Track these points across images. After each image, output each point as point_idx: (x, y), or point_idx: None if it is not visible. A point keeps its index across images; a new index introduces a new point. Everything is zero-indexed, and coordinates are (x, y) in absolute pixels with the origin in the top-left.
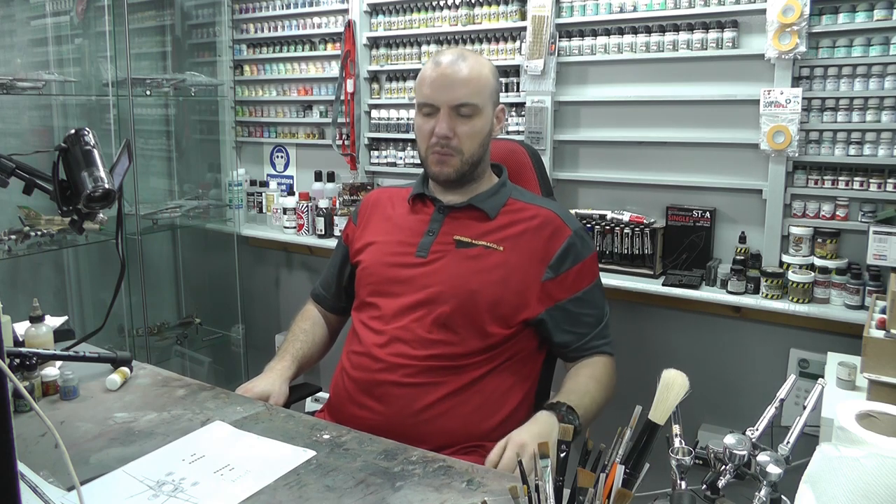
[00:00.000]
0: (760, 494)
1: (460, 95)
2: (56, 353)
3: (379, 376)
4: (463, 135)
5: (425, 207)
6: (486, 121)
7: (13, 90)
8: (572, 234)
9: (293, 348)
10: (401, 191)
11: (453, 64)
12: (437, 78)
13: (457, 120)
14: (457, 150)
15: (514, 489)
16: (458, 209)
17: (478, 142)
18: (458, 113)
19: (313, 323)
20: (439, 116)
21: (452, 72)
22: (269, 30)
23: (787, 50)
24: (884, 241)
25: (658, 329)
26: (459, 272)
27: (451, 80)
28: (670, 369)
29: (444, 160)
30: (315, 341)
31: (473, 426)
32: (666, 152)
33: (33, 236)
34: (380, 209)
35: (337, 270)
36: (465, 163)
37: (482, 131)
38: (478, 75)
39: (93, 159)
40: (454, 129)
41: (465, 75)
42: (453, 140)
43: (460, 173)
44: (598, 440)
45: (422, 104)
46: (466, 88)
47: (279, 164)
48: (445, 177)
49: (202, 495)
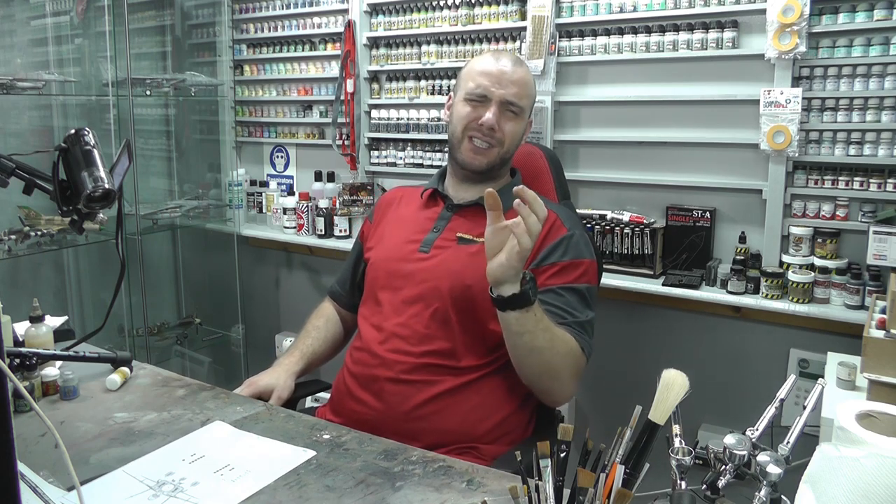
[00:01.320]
0: (760, 494)
1: (513, 94)
2: (56, 353)
3: (375, 372)
4: (507, 130)
5: (436, 205)
6: (523, 125)
7: (13, 90)
8: (565, 235)
9: (303, 345)
10: (416, 189)
11: (513, 64)
12: (496, 73)
13: (504, 116)
14: (499, 141)
15: (514, 489)
16: (466, 207)
17: (516, 142)
18: (507, 110)
19: (326, 320)
20: (489, 107)
21: (511, 71)
22: (269, 30)
23: (787, 50)
24: (884, 241)
25: (658, 329)
26: (456, 267)
27: (510, 78)
28: (670, 369)
29: (484, 150)
30: (327, 338)
31: (469, 426)
32: (666, 152)
33: (33, 236)
34: (393, 207)
35: (352, 267)
36: (499, 156)
37: (520, 133)
38: (529, 82)
39: (93, 159)
40: (500, 123)
41: (521, 77)
42: (497, 133)
43: (492, 165)
44: (598, 440)
45: (473, 94)
46: (519, 89)
47: (279, 164)
48: (477, 165)
49: (202, 495)
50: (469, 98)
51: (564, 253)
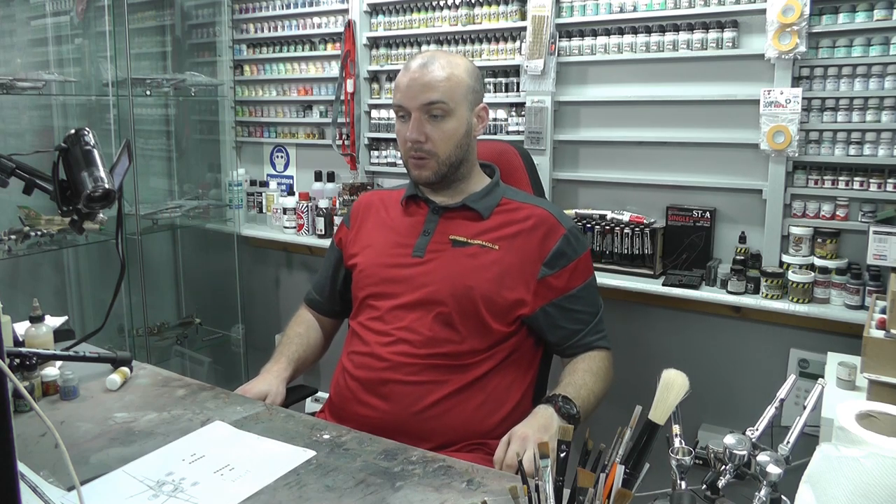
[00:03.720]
0: (760, 494)
1: (428, 98)
2: (56, 353)
3: (384, 374)
4: (435, 137)
5: (419, 209)
6: (460, 121)
7: (13, 90)
8: (566, 233)
9: (288, 351)
10: (392, 193)
11: (422, 67)
12: (407, 82)
13: (428, 123)
14: (430, 153)
15: (514, 489)
16: (451, 210)
17: (453, 143)
18: (430, 115)
19: (308, 327)
20: (411, 121)
21: (420, 75)
22: (269, 30)
23: (787, 50)
24: (884, 241)
25: (658, 329)
26: (456, 270)
27: (420, 83)
28: (670, 369)
29: (421, 164)
30: (310, 344)
31: (476, 423)
32: (666, 152)
33: (33, 236)
34: (373, 212)
35: (330, 274)
36: (441, 164)
37: (456, 132)
38: (448, 76)
39: (93, 159)
40: (425, 132)
41: (434, 77)
42: (426, 144)
43: (439, 175)
44: (598, 440)
45: (396, 109)
46: (435, 91)
47: (279, 164)
48: (424, 180)
49: (202, 495)
50: (397, 114)
51: (572, 254)
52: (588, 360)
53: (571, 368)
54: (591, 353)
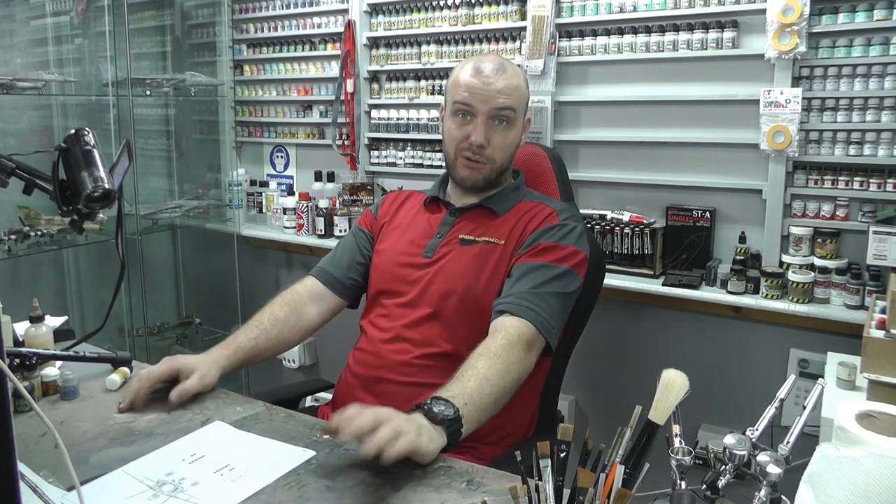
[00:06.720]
0: (760, 494)
1: (500, 103)
2: (56, 353)
3: (379, 373)
4: (497, 144)
5: (438, 211)
6: (518, 130)
7: (13, 90)
8: (558, 223)
9: (245, 338)
10: (420, 195)
11: (496, 72)
12: (479, 85)
13: (493, 129)
14: (489, 158)
15: (514, 489)
16: (468, 210)
17: (509, 152)
18: (495, 122)
19: (290, 310)
20: (476, 124)
21: (495, 80)
22: (269, 30)
23: (787, 50)
24: (884, 241)
25: (658, 329)
26: (458, 269)
27: (495, 88)
28: (670, 369)
29: (475, 167)
30: (281, 332)
31: None
32: (666, 152)
33: (33, 236)
34: (402, 209)
35: (349, 252)
36: (494, 170)
37: (514, 141)
38: (517, 86)
39: (93, 159)
40: (489, 138)
41: (508, 84)
42: (487, 150)
43: (488, 181)
44: (598, 440)
45: (458, 108)
46: (508, 98)
47: (279, 164)
48: (473, 183)
49: (202, 495)
50: (456, 112)
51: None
52: (489, 340)
53: (473, 353)
54: (506, 321)
